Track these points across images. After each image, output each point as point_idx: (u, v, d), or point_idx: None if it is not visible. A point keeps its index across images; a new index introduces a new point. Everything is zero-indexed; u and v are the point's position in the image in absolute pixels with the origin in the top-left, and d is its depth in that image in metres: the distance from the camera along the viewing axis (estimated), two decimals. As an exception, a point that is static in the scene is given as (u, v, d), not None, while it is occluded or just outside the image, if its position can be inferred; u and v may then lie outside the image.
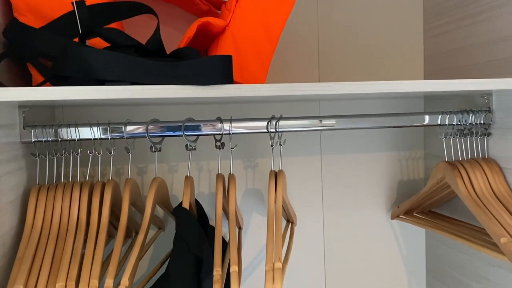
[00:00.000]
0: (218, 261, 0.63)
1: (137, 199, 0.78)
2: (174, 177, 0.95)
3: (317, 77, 1.00)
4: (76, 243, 0.64)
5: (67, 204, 0.68)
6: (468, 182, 0.79)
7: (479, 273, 0.88)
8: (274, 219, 0.72)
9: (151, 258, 0.95)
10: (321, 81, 1.01)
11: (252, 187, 0.99)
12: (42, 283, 0.58)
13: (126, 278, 0.60)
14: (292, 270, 1.02)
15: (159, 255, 0.95)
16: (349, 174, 1.03)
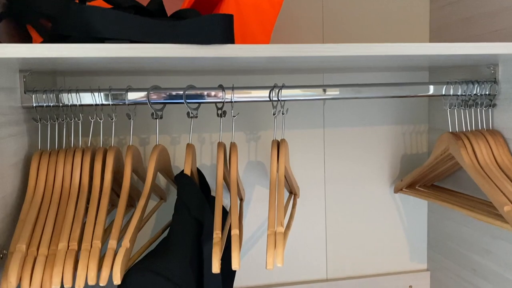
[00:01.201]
0: (218, 225, 0.63)
1: (139, 167, 0.78)
2: (177, 148, 0.95)
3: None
4: (79, 206, 0.65)
5: (69, 169, 0.68)
6: (471, 153, 0.79)
7: (481, 245, 0.88)
8: (277, 186, 0.72)
9: (153, 229, 0.96)
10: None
11: (255, 159, 0.99)
12: (44, 243, 0.59)
13: (127, 240, 0.60)
14: (294, 242, 1.02)
15: (161, 226, 0.96)
16: (352, 148, 1.02)
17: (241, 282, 1.00)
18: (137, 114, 0.91)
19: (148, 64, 0.66)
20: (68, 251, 0.58)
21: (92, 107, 0.72)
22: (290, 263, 1.02)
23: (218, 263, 0.60)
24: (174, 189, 0.96)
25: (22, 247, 0.57)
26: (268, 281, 1.01)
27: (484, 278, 0.88)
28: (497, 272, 0.84)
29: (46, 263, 0.56)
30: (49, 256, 0.58)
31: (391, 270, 1.06)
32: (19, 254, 0.56)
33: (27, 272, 0.55)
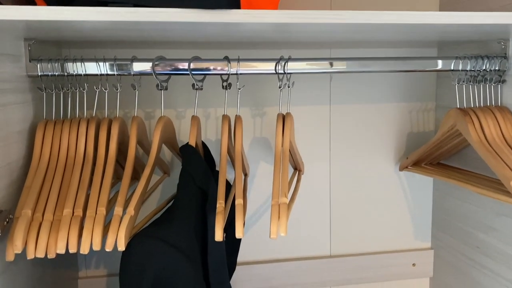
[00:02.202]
0: (222, 195, 0.63)
1: (144, 139, 0.78)
2: (182, 123, 0.95)
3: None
4: (83, 175, 0.65)
5: (74, 138, 0.68)
6: (479, 129, 0.78)
7: (486, 222, 0.88)
8: (281, 158, 0.71)
9: (157, 203, 0.97)
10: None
11: (260, 135, 0.99)
12: (50, 209, 0.59)
13: (132, 208, 0.60)
14: (298, 219, 1.02)
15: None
16: (358, 125, 1.01)
17: (246, 257, 1.01)
18: (142, 86, 0.91)
19: (153, 30, 0.66)
20: (73, 217, 0.58)
21: (97, 77, 0.71)
22: (294, 239, 1.02)
23: (221, 231, 0.60)
24: (178, 165, 0.96)
25: (28, 212, 0.57)
26: (272, 257, 1.02)
27: (488, 255, 0.88)
28: (501, 249, 0.84)
29: (52, 228, 0.57)
30: (54, 221, 0.58)
31: (395, 248, 1.06)
32: (25, 218, 0.57)
33: (33, 236, 0.56)
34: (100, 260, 0.95)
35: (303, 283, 1.01)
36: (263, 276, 1.00)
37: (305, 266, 1.01)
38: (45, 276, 0.74)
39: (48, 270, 0.76)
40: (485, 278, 0.89)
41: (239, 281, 0.99)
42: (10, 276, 0.61)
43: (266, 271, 1.00)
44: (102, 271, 0.96)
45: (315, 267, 1.02)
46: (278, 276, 1.00)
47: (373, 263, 1.04)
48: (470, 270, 0.93)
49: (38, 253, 0.55)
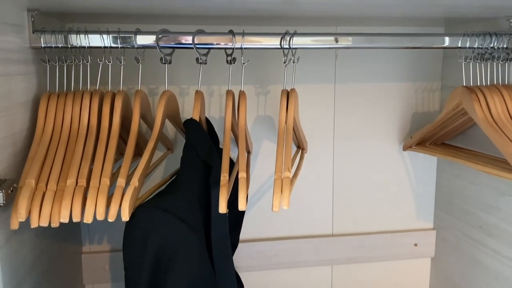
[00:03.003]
0: (226, 168, 0.63)
1: (148, 113, 0.78)
2: (185, 100, 0.94)
3: None
4: (87, 146, 0.65)
5: (77, 110, 0.68)
6: (485, 106, 0.77)
7: (489, 202, 0.88)
8: (285, 134, 0.71)
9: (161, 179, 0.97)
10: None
11: (263, 114, 0.98)
12: (53, 179, 0.59)
13: (136, 179, 0.60)
14: (301, 197, 1.02)
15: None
16: (363, 104, 1.01)
17: (248, 235, 1.01)
18: (145, 63, 0.90)
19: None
20: (77, 187, 0.58)
21: (101, 50, 0.71)
22: (296, 217, 1.03)
23: (225, 203, 0.60)
24: (181, 142, 0.96)
25: (31, 182, 0.58)
26: (274, 235, 1.02)
27: (490, 234, 0.88)
28: (503, 228, 0.84)
29: (55, 198, 0.57)
30: (57, 191, 0.58)
31: (397, 228, 1.06)
32: (29, 188, 0.57)
33: (36, 205, 0.56)
34: (104, 235, 0.96)
35: (304, 261, 1.02)
36: (264, 253, 1.00)
37: (307, 244, 1.02)
38: (48, 249, 0.75)
39: (52, 243, 0.77)
40: (487, 257, 0.89)
41: (241, 258, 1.00)
42: (14, 246, 0.61)
43: (268, 249, 1.00)
44: (106, 246, 0.96)
45: (316, 246, 1.02)
46: (280, 253, 1.01)
47: (374, 242, 1.04)
48: (472, 250, 0.93)
49: (42, 221, 0.55)
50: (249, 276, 1.02)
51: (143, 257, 0.58)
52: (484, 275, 0.90)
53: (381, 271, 1.07)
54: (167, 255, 0.58)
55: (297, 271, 1.04)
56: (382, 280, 1.08)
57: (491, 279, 0.88)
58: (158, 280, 0.59)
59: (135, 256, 0.59)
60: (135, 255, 0.59)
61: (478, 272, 0.92)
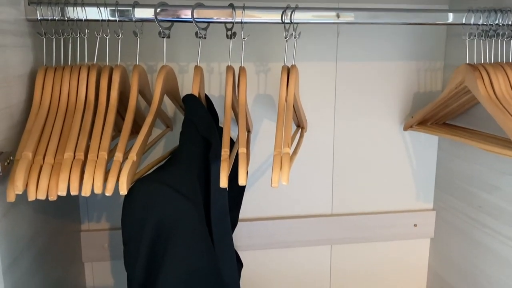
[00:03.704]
0: (227, 143, 0.63)
1: (146, 89, 0.77)
2: (185, 77, 0.93)
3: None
4: (85, 120, 0.64)
5: (74, 84, 0.67)
6: (488, 84, 0.76)
7: (490, 182, 0.87)
8: (285, 110, 0.70)
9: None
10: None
11: (264, 92, 0.97)
12: (51, 152, 0.59)
13: (134, 153, 0.59)
14: (300, 177, 1.02)
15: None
16: (364, 83, 0.99)
17: (247, 214, 1.01)
18: (144, 39, 0.89)
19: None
20: (75, 160, 0.58)
21: (98, 23, 0.70)
22: (296, 197, 1.02)
23: (226, 178, 0.59)
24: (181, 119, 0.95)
25: (28, 155, 0.57)
26: (273, 214, 1.02)
27: (490, 214, 0.88)
28: (504, 208, 0.84)
29: (53, 170, 0.56)
30: (55, 164, 0.57)
31: (397, 208, 1.06)
32: (25, 160, 0.56)
33: (34, 178, 0.55)
34: (103, 213, 0.96)
35: (303, 240, 1.02)
36: (264, 232, 1.00)
37: (306, 223, 1.02)
38: (47, 225, 0.75)
39: (50, 219, 0.76)
40: (486, 237, 0.89)
41: (240, 237, 1.00)
42: (11, 220, 0.61)
43: (267, 228, 1.00)
44: (105, 224, 0.96)
45: (315, 225, 1.02)
46: (279, 233, 1.01)
47: (374, 223, 1.04)
48: (471, 230, 0.93)
49: (39, 194, 0.55)
50: (248, 255, 1.03)
51: (142, 231, 0.58)
52: (483, 255, 0.90)
53: (380, 251, 1.07)
54: (167, 229, 0.57)
55: (296, 251, 1.04)
56: (381, 260, 1.08)
57: (491, 258, 0.88)
58: (157, 254, 0.59)
59: (134, 230, 0.59)
60: (134, 229, 0.59)
61: (477, 252, 0.92)
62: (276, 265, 1.04)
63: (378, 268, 1.08)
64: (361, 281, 1.08)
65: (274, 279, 1.05)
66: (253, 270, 1.03)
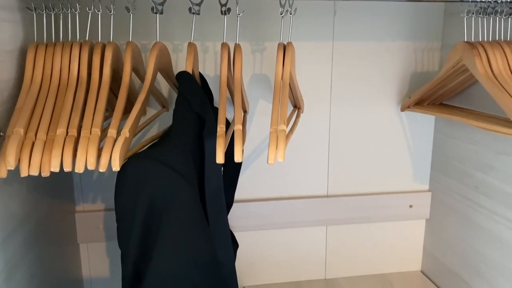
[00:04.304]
0: (222, 119, 0.62)
1: (139, 65, 0.75)
2: (179, 56, 0.92)
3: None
4: (77, 97, 0.63)
5: (66, 60, 0.66)
6: (486, 62, 0.75)
7: (486, 162, 0.87)
8: (281, 88, 0.69)
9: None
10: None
11: (260, 72, 0.96)
12: (43, 129, 0.58)
13: (126, 130, 0.58)
14: (296, 158, 1.01)
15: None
16: (361, 63, 0.98)
17: (243, 195, 1.01)
18: (137, 18, 0.87)
19: None
20: (67, 136, 0.57)
21: None
22: (291, 178, 1.02)
23: (222, 154, 0.58)
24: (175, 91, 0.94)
25: (20, 131, 0.56)
26: (269, 195, 1.02)
27: (486, 194, 0.88)
28: (500, 188, 0.84)
29: (45, 147, 0.55)
30: (47, 140, 0.57)
31: (392, 189, 1.06)
32: (17, 136, 0.55)
33: (26, 154, 0.54)
34: (98, 194, 0.95)
35: (299, 221, 1.02)
36: (259, 213, 1.00)
37: (302, 205, 1.01)
38: (41, 204, 0.74)
39: (43, 199, 0.76)
40: (482, 217, 0.89)
41: (236, 218, 0.99)
42: (3, 197, 0.60)
43: (263, 209, 1.00)
44: (100, 205, 0.96)
45: (311, 206, 1.02)
46: (274, 214, 1.01)
47: (369, 204, 1.04)
48: (467, 210, 0.94)
49: (32, 170, 0.54)
50: (244, 236, 1.03)
51: (135, 208, 0.57)
52: (478, 235, 0.90)
53: (375, 232, 1.08)
54: (160, 206, 0.57)
55: (292, 231, 1.04)
56: (376, 241, 1.08)
57: (486, 238, 0.88)
58: (151, 231, 0.58)
59: (127, 208, 0.58)
60: (127, 206, 0.58)
61: (473, 232, 0.92)
62: (271, 246, 1.04)
63: (373, 249, 1.09)
64: (356, 262, 1.09)
65: (269, 259, 1.05)
66: (249, 250, 1.04)
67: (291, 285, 1.05)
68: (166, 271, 0.58)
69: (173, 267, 0.58)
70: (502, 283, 0.84)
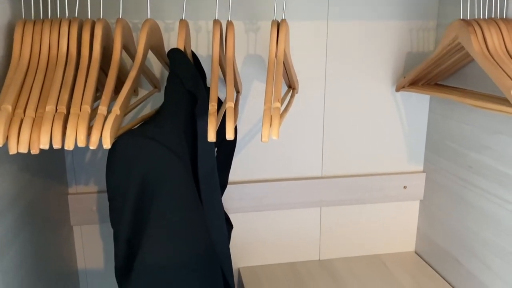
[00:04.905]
0: (214, 97, 0.61)
1: (130, 43, 0.74)
2: (171, 35, 0.90)
3: None
4: (67, 74, 0.61)
5: (55, 37, 0.64)
6: (482, 40, 0.75)
7: (480, 142, 0.87)
8: (275, 65, 0.68)
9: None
10: None
11: (254, 52, 0.95)
12: (31, 106, 0.56)
13: (117, 107, 0.57)
14: (291, 139, 1.01)
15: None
16: (356, 43, 0.97)
17: (238, 177, 1.00)
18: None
19: None
20: (57, 113, 0.56)
21: (78, -27, 0.66)
22: (286, 160, 1.02)
23: (213, 132, 0.58)
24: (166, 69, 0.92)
25: (8, 108, 0.55)
26: (264, 177, 1.01)
27: (480, 174, 0.88)
28: (493, 167, 0.84)
29: (34, 124, 0.54)
30: (36, 117, 0.55)
31: (387, 170, 1.06)
32: (5, 113, 0.54)
33: (14, 131, 0.53)
34: (90, 176, 0.94)
35: (293, 203, 1.02)
36: (254, 195, 1.00)
37: (296, 186, 1.01)
38: (32, 185, 0.73)
39: (35, 179, 0.75)
40: (475, 196, 0.89)
41: (230, 200, 0.99)
42: (-6, 176, 0.59)
43: (257, 190, 1.00)
44: (93, 188, 0.95)
45: (305, 187, 1.02)
46: (269, 195, 1.01)
47: (364, 185, 1.04)
48: (461, 190, 0.94)
49: (21, 147, 0.53)
50: (239, 217, 1.02)
51: (126, 186, 0.57)
52: (473, 215, 0.91)
53: (369, 213, 1.08)
54: (152, 184, 0.56)
55: (286, 213, 1.04)
56: (370, 222, 1.09)
57: (480, 218, 0.88)
58: (143, 210, 0.58)
59: (118, 186, 0.57)
60: (119, 184, 0.57)
61: (467, 211, 0.92)
62: (266, 227, 1.04)
63: (367, 230, 1.09)
64: (350, 243, 1.09)
65: (264, 241, 1.05)
66: (244, 232, 1.04)
67: (285, 266, 1.06)
68: (158, 249, 0.57)
69: (165, 245, 0.57)
70: (495, 261, 0.84)
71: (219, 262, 0.65)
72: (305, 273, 1.03)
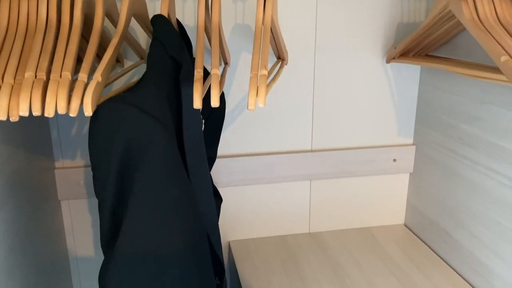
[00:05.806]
0: (200, 64, 0.59)
1: (113, 11, 0.72)
2: (156, 5, 0.88)
3: None
4: (46, 41, 0.59)
5: (34, 4, 0.62)
6: (473, 8, 0.73)
7: (470, 113, 0.87)
8: (262, 32, 0.67)
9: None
10: None
11: (242, 22, 0.93)
12: (10, 72, 0.55)
13: (98, 74, 0.56)
14: (280, 112, 1.00)
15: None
16: (346, 14, 0.96)
17: (227, 151, 1.00)
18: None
19: None
20: (36, 80, 0.54)
21: None
22: (275, 133, 1.01)
23: (199, 99, 0.56)
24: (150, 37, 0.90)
25: (-15, 74, 0.53)
26: (253, 150, 1.01)
27: (469, 145, 0.88)
28: (483, 138, 0.84)
29: (13, 90, 0.53)
30: (15, 84, 0.54)
31: (376, 143, 1.06)
32: (-19, 79, 0.52)
33: (-9, 97, 0.52)
34: (77, 150, 0.93)
35: (283, 176, 1.02)
36: (243, 169, 0.99)
37: (286, 159, 1.01)
38: (16, 156, 0.72)
39: (19, 150, 0.73)
40: (465, 168, 0.89)
41: (219, 173, 0.99)
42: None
43: (247, 164, 0.99)
44: (80, 162, 0.94)
45: (295, 161, 1.01)
46: (258, 169, 1.00)
47: (353, 158, 1.04)
48: (450, 162, 0.94)
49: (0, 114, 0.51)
50: (228, 191, 1.02)
51: (109, 155, 0.55)
52: (461, 186, 0.91)
53: (359, 186, 1.08)
54: (135, 153, 0.55)
55: (276, 186, 1.04)
56: (360, 195, 1.09)
57: (470, 190, 0.89)
58: (127, 179, 0.57)
59: (101, 155, 0.56)
60: (101, 153, 0.56)
61: (457, 184, 0.92)
62: (255, 201, 1.04)
63: (357, 203, 1.09)
64: (340, 216, 1.10)
65: (254, 214, 1.05)
66: (233, 206, 1.03)
67: (275, 239, 1.06)
68: (144, 217, 0.56)
69: (151, 213, 0.57)
70: (483, 232, 0.85)
71: (206, 234, 0.65)
72: (295, 246, 1.03)
